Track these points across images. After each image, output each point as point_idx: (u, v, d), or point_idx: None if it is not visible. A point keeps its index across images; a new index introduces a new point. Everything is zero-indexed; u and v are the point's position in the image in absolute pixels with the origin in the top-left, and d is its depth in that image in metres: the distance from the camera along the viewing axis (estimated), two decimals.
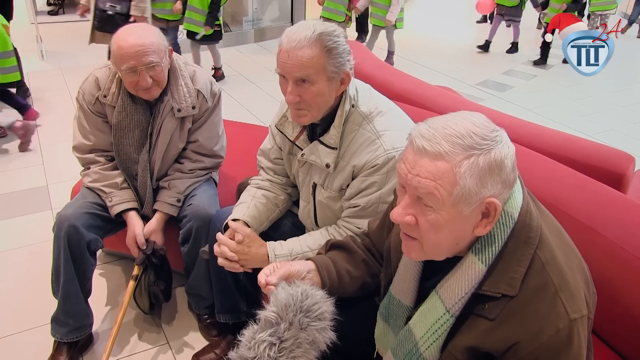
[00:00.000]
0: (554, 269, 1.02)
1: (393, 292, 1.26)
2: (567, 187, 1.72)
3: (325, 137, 1.62)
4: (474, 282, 1.04)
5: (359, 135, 1.61)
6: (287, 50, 1.49)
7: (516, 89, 5.90)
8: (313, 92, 1.51)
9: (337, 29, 1.53)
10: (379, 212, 1.60)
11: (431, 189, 0.97)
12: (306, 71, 1.48)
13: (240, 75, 5.98)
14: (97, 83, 2.05)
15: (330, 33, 1.49)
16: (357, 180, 1.61)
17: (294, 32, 1.49)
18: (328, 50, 1.48)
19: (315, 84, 1.50)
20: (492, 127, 1.00)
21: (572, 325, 0.99)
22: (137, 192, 2.13)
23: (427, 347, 1.11)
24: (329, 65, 1.49)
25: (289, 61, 1.49)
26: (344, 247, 1.48)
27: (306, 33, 1.47)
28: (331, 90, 1.54)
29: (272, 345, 1.07)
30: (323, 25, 1.51)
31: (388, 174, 1.58)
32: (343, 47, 1.52)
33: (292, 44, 1.47)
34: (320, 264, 1.39)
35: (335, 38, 1.50)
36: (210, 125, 2.16)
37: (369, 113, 1.62)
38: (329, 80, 1.52)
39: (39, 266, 2.56)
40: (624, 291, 1.46)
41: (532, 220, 1.05)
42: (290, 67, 1.49)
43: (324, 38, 1.47)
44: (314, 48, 1.47)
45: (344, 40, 1.53)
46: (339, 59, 1.51)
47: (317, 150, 1.64)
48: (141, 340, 2.24)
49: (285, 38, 1.50)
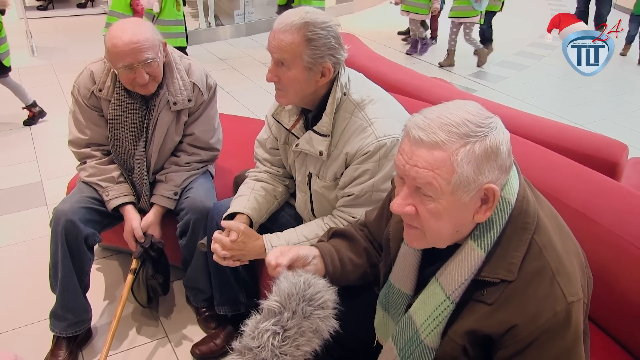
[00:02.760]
0: (551, 253, 1.03)
1: (392, 281, 1.27)
2: (563, 176, 1.73)
3: (318, 125, 1.64)
4: (473, 269, 1.05)
5: (351, 123, 1.62)
6: (274, 31, 1.56)
7: (509, 80, 5.92)
8: (288, 77, 1.57)
9: (329, 22, 1.56)
10: (372, 201, 1.62)
11: (429, 178, 0.98)
12: (283, 55, 1.54)
13: (232, 68, 5.96)
14: (92, 77, 2.04)
15: (317, 24, 1.52)
16: (350, 168, 1.63)
17: (287, 15, 1.56)
18: (307, 40, 1.52)
19: (291, 70, 1.55)
20: (486, 115, 1.01)
21: (569, 308, 1.00)
22: (134, 185, 2.13)
23: (427, 333, 1.12)
24: (305, 55, 1.53)
25: (273, 41, 1.56)
26: (347, 235, 1.49)
27: (294, 19, 1.52)
28: (308, 80, 1.58)
29: (275, 334, 1.07)
30: (316, 15, 1.54)
31: (380, 162, 1.59)
32: (325, 41, 1.54)
33: (280, 26, 1.54)
34: (324, 251, 1.40)
35: (320, 30, 1.53)
36: (206, 118, 2.16)
37: (360, 101, 1.64)
38: (306, 69, 1.55)
39: (36, 262, 2.55)
40: (620, 278, 1.48)
41: (529, 205, 1.06)
42: (272, 48, 1.56)
43: (308, 27, 1.52)
44: (295, 35, 1.52)
45: (332, 34, 1.55)
46: (317, 51, 1.53)
47: (310, 139, 1.66)
48: (140, 333, 2.24)
49: (278, 19, 1.56)
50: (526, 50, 7.04)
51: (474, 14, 5.92)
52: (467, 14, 5.91)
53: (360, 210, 1.62)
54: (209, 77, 2.15)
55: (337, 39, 1.58)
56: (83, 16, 8.20)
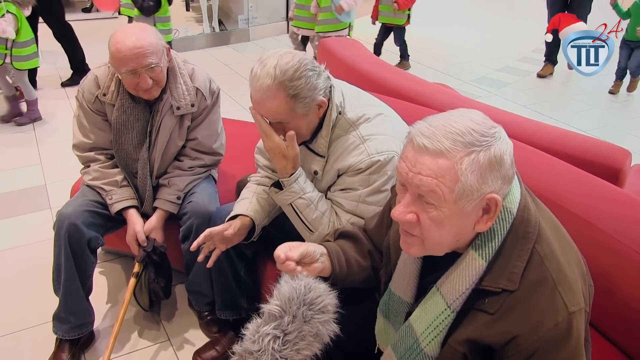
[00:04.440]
0: (553, 263, 1.03)
1: (393, 289, 1.27)
2: (565, 182, 1.73)
3: (314, 145, 1.66)
4: (474, 278, 1.05)
5: (343, 140, 1.64)
6: (255, 99, 1.55)
7: (512, 86, 5.91)
8: (291, 128, 1.57)
9: (299, 66, 1.51)
10: (358, 211, 1.64)
11: (433, 186, 0.98)
12: (278, 118, 1.56)
13: (236, 73, 5.98)
14: (96, 81, 2.05)
15: (290, 78, 1.50)
16: (340, 178, 1.67)
17: (257, 78, 1.52)
18: (292, 96, 1.51)
19: (291, 123, 1.56)
20: (490, 124, 1.01)
21: (570, 318, 1.00)
22: (137, 190, 2.14)
23: (427, 342, 1.12)
24: (298, 108, 1.54)
25: (261, 109, 1.57)
26: (353, 236, 1.49)
27: (268, 82, 1.49)
28: (310, 120, 1.60)
29: (276, 338, 1.08)
30: (283, 66, 1.50)
31: (371, 176, 1.62)
32: (308, 86, 1.52)
33: (258, 94, 1.53)
34: (331, 250, 1.40)
35: (297, 82, 1.50)
36: (209, 123, 2.17)
37: (356, 120, 1.65)
38: (304, 115, 1.56)
39: (40, 265, 2.56)
40: (622, 284, 1.48)
41: (530, 215, 1.07)
42: (264, 114, 1.57)
43: (285, 85, 1.50)
44: (278, 98, 1.51)
45: (308, 74, 1.52)
46: (307, 100, 1.54)
47: (305, 157, 1.68)
48: (142, 337, 2.25)
49: (251, 84, 1.54)
50: (529, 57, 7.04)
51: (341, 27, 5.21)
52: (333, 27, 5.19)
53: (346, 215, 1.65)
54: (212, 82, 2.16)
55: (313, 70, 1.54)
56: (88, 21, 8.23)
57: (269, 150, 1.63)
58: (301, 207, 1.65)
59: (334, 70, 1.79)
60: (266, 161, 1.92)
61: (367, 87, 1.96)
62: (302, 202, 1.65)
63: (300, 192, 1.64)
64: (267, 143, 1.62)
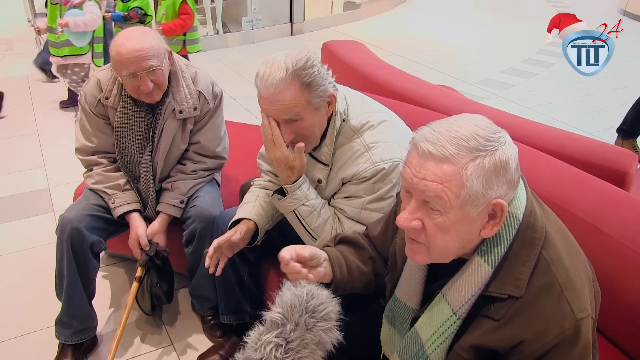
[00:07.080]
0: (559, 269, 1.02)
1: (398, 295, 1.26)
2: (571, 185, 1.72)
3: (318, 153, 1.64)
4: (480, 284, 1.04)
5: (348, 148, 1.63)
6: (267, 97, 1.49)
7: (517, 88, 5.89)
8: (305, 126, 1.54)
9: (309, 57, 1.51)
10: (361, 218, 1.63)
11: (439, 192, 0.97)
12: (293, 111, 1.50)
13: (240, 75, 5.98)
14: (99, 85, 2.05)
15: (303, 67, 1.48)
16: (344, 186, 1.65)
17: (267, 75, 1.48)
18: (307, 85, 1.48)
19: (305, 118, 1.52)
20: (495, 129, 1.00)
21: (578, 325, 0.99)
22: (140, 193, 2.13)
23: (433, 349, 1.11)
24: (312, 98, 1.50)
25: (273, 107, 1.50)
26: (354, 242, 1.48)
27: (280, 75, 1.46)
28: (322, 117, 1.57)
29: (278, 346, 1.07)
30: (293, 59, 1.49)
31: (375, 184, 1.60)
32: (320, 75, 1.51)
33: (270, 90, 1.47)
34: (332, 255, 1.38)
35: (310, 70, 1.49)
36: (212, 127, 2.16)
37: (360, 127, 1.64)
38: (317, 109, 1.54)
39: (42, 268, 2.56)
40: (629, 289, 1.47)
41: (536, 220, 1.05)
42: (276, 112, 1.51)
43: (299, 74, 1.47)
44: (292, 88, 1.47)
45: (318, 65, 1.52)
46: (321, 88, 1.51)
47: (308, 165, 1.66)
48: (145, 341, 2.24)
49: (261, 84, 1.49)
50: (534, 58, 7.02)
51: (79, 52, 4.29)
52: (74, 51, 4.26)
53: (349, 222, 1.64)
54: (215, 86, 2.15)
55: (320, 63, 1.54)
56: None
57: (273, 160, 1.59)
58: (304, 214, 1.64)
59: (338, 72, 1.77)
60: (268, 166, 1.90)
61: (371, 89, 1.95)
62: (305, 209, 1.63)
63: (304, 198, 1.63)
64: (275, 153, 1.57)
